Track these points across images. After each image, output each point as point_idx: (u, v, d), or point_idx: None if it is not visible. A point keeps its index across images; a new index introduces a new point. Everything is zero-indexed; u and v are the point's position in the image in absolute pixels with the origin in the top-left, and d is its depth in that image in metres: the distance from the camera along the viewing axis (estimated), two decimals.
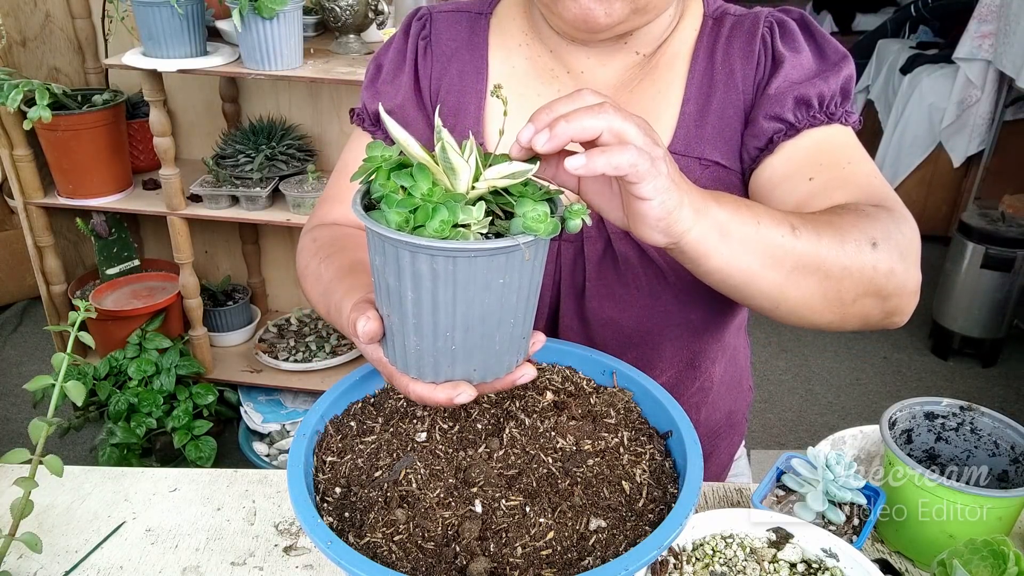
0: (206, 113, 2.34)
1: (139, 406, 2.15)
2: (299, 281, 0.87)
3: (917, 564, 0.84)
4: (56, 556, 0.83)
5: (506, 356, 0.62)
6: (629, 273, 0.86)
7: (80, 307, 0.82)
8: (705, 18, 0.88)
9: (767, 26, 0.84)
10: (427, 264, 0.54)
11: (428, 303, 0.56)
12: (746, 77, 0.84)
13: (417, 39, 0.90)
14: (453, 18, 0.91)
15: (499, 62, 0.89)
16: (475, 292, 0.56)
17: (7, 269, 3.02)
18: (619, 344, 0.92)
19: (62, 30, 2.23)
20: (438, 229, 0.54)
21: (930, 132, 3.51)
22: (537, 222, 0.55)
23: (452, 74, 0.88)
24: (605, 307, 0.88)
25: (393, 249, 0.55)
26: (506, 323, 0.59)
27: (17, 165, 2.08)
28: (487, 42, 0.89)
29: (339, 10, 1.95)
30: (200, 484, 0.94)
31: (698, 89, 0.85)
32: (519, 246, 0.55)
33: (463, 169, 0.55)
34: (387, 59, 0.92)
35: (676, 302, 0.88)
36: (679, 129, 0.84)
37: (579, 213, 0.58)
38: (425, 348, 0.59)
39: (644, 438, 0.72)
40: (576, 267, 0.88)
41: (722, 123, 0.84)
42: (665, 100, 0.85)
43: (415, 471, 0.67)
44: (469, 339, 0.59)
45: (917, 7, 3.99)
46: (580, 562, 0.60)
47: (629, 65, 0.87)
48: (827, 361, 3.00)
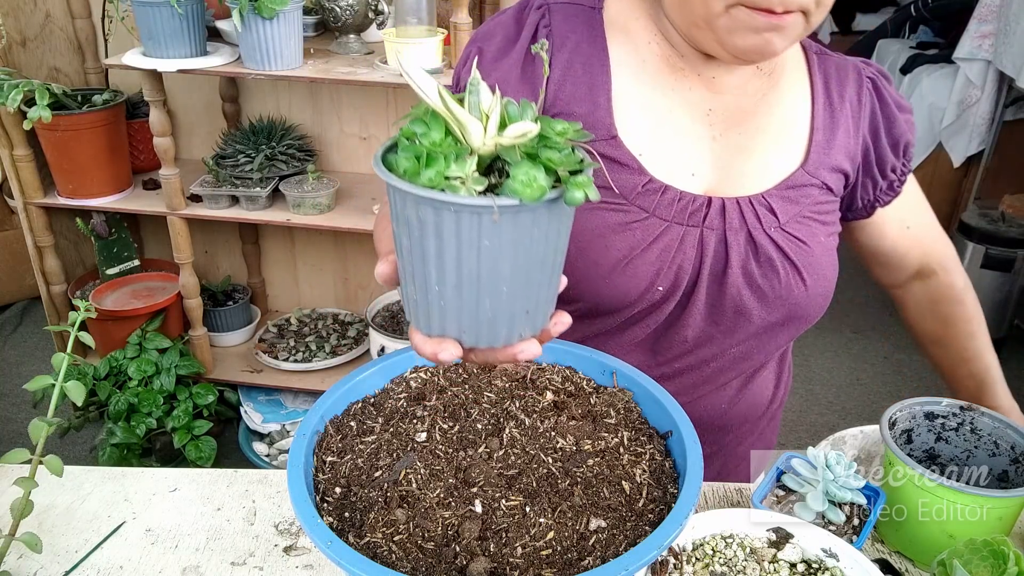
0: (206, 113, 2.34)
1: (139, 406, 2.15)
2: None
3: (917, 564, 0.84)
4: (56, 556, 0.83)
5: (501, 326, 0.59)
6: (768, 265, 0.89)
7: (80, 307, 0.82)
8: (806, 51, 0.95)
9: (869, 79, 0.95)
10: (414, 211, 0.54)
11: (418, 252, 0.56)
12: (861, 122, 0.94)
13: (536, 26, 0.90)
14: (571, 11, 0.91)
15: (624, 54, 0.89)
16: (459, 248, 0.54)
17: (7, 269, 3.02)
18: (748, 334, 0.93)
19: (62, 30, 2.23)
20: (432, 179, 0.52)
21: (930, 132, 3.51)
22: (524, 186, 0.52)
23: (576, 67, 0.88)
24: (744, 295, 0.90)
25: (392, 193, 0.55)
26: (496, 289, 0.57)
27: (17, 165, 2.08)
28: (605, 34, 0.90)
29: (339, 10, 1.95)
30: (200, 484, 0.94)
31: (823, 121, 0.92)
32: (492, 207, 0.52)
33: (470, 123, 0.54)
34: (492, 43, 0.91)
35: (805, 297, 0.91)
36: (812, 153, 0.91)
37: (582, 185, 0.54)
38: (419, 298, 0.59)
39: (644, 438, 0.72)
40: (718, 253, 0.89)
41: (840, 157, 0.92)
42: (793, 119, 0.92)
43: (415, 471, 0.67)
44: (456, 297, 0.57)
45: (917, 7, 3.99)
46: (580, 562, 0.60)
47: (750, 76, 0.91)
48: (827, 361, 3.00)
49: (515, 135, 0.53)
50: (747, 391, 1.00)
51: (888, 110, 0.94)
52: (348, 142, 2.30)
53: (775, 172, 0.90)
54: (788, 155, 0.91)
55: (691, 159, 0.89)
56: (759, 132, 0.90)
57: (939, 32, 3.91)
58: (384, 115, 2.24)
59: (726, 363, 0.96)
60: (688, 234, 0.87)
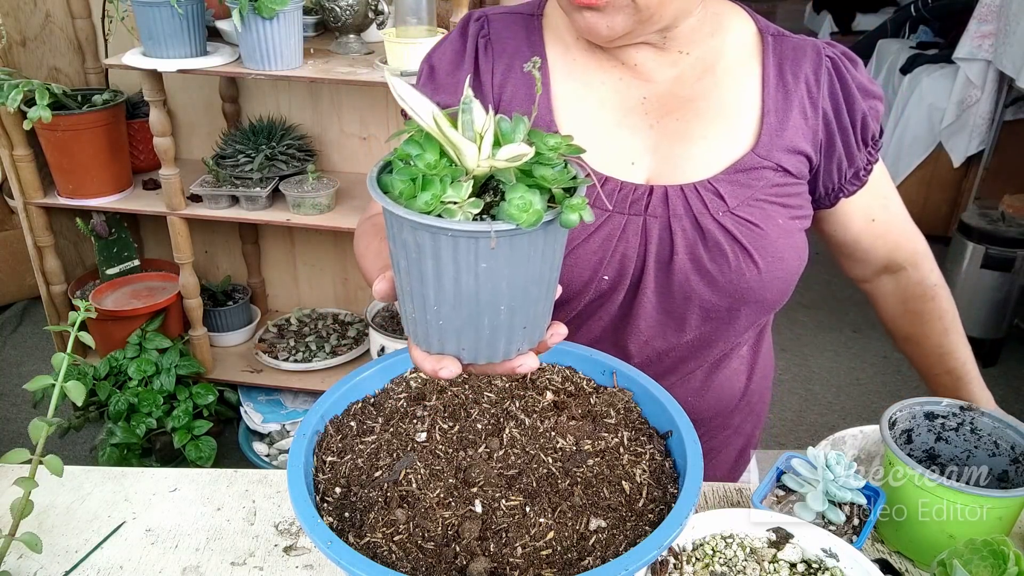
0: (206, 113, 2.34)
1: (139, 406, 2.15)
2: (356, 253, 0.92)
3: (917, 564, 0.84)
4: (56, 556, 0.83)
5: (499, 342, 0.60)
6: (717, 250, 0.89)
7: (80, 307, 0.82)
8: (762, 34, 0.94)
9: (829, 59, 0.92)
10: (411, 235, 0.54)
11: (416, 273, 0.56)
12: (819, 101, 0.91)
13: (477, 38, 0.95)
14: (509, 19, 0.96)
15: (558, 55, 0.94)
16: (457, 272, 0.55)
17: (7, 269, 3.01)
18: (698, 318, 0.93)
19: (62, 30, 2.23)
20: (427, 203, 0.53)
21: (930, 132, 3.51)
22: (520, 211, 0.52)
23: (516, 69, 0.93)
24: (692, 280, 0.90)
25: (389, 216, 0.56)
26: (495, 309, 0.57)
27: (17, 165, 2.08)
28: (543, 38, 0.95)
29: (339, 10, 1.95)
30: (200, 484, 0.94)
31: (775, 102, 0.91)
32: (490, 233, 0.53)
33: (464, 145, 0.54)
34: (442, 59, 0.96)
35: (759, 281, 0.91)
36: (764, 136, 0.90)
37: (577, 208, 0.55)
38: (418, 317, 0.60)
39: (644, 438, 0.72)
40: (662, 241, 0.90)
41: (796, 138, 0.91)
42: (737, 103, 0.91)
43: (415, 471, 0.67)
44: (456, 317, 0.58)
45: (917, 7, 3.99)
46: (580, 562, 0.60)
47: (676, 61, 0.91)
48: (827, 361, 3.00)
49: (509, 157, 0.54)
50: (713, 382, 1.00)
51: (848, 90, 0.92)
52: (348, 142, 2.30)
53: (723, 157, 0.90)
54: (737, 139, 0.91)
55: (630, 149, 0.90)
56: (698, 117, 0.91)
57: (939, 32, 3.91)
58: (384, 115, 2.24)
59: (685, 352, 0.96)
60: (630, 223, 0.88)
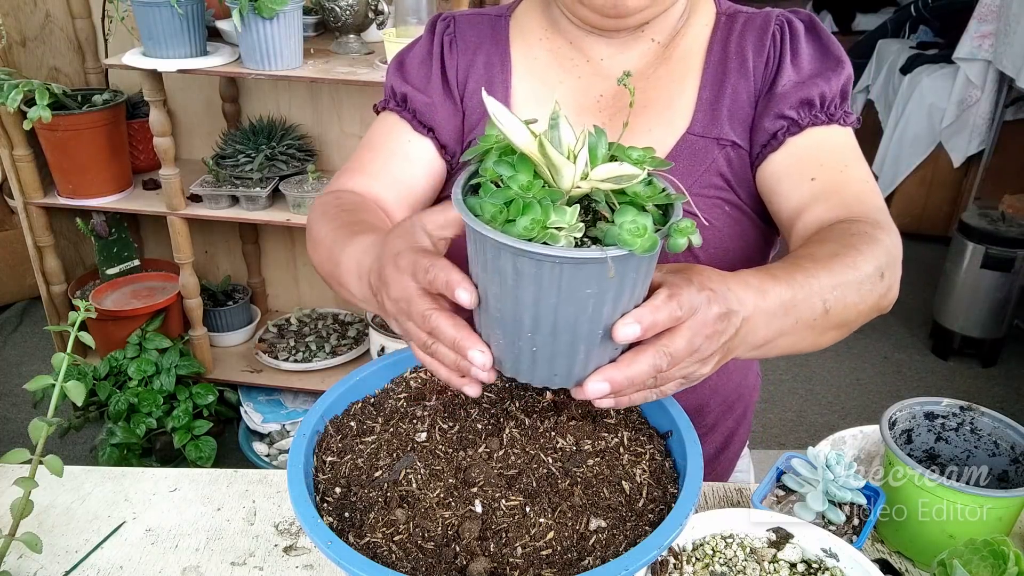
0: (206, 113, 2.34)
1: (139, 406, 2.15)
2: (308, 229, 0.88)
3: (917, 564, 0.84)
4: (56, 556, 0.83)
5: (591, 366, 0.58)
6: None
7: (80, 307, 0.82)
8: (718, 15, 0.94)
9: (778, 24, 0.90)
10: (511, 263, 0.52)
11: (511, 300, 0.54)
12: (756, 68, 0.90)
13: (443, 36, 0.97)
14: (475, 19, 0.99)
15: (521, 55, 0.95)
16: (561, 299, 0.53)
17: (7, 269, 3.01)
18: None
19: (62, 30, 2.23)
20: (527, 228, 0.50)
21: (930, 132, 3.51)
22: (634, 236, 0.50)
23: (479, 65, 0.95)
24: None
25: (481, 241, 0.53)
26: (593, 335, 0.55)
27: (17, 165, 2.08)
28: (508, 38, 0.96)
29: (339, 10, 1.95)
30: (200, 484, 0.94)
31: (713, 76, 0.90)
32: (606, 259, 0.50)
33: (565, 167, 0.52)
34: (411, 55, 0.98)
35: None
36: (697, 112, 0.90)
37: (686, 231, 0.52)
38: (506, 343, 0.57)
39: (644, 438, 0.72)
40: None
41: (735, 106, 0.89)
42: (681, 87, 0.91)
43: (415, 471, 0.67)
44: (553, 344, 0.56)
45: (917, 7, 3.99)
46: (580, 562, 0.60)
47: (645, 53, 0.92)
48: (827, 361, 3.00)
49: (609, 177, 0.51)
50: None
51: (797, 46, 0.88)
52: (348, 142, 2.29)
53: (659, 146, 0.89)
54: (673, 124, 0.90)
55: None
56: (643, 109, 0.91)
57: (939, 32, 3.91)
58: None
59: None
60: None
